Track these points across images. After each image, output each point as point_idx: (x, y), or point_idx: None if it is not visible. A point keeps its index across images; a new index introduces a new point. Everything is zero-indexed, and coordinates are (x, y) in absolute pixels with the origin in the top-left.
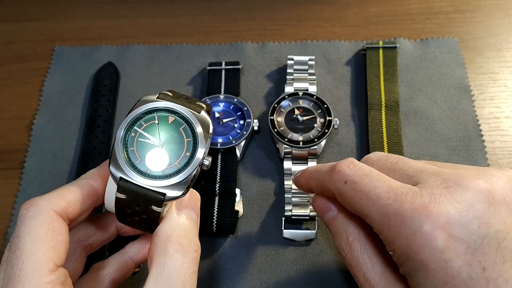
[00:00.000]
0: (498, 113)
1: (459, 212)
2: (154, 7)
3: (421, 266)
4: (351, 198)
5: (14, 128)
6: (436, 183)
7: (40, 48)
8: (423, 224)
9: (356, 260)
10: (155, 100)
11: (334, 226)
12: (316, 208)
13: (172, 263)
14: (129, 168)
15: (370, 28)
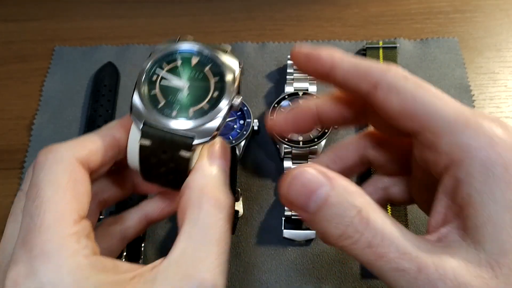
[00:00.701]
0: (498, 113)
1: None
2: (154, 7)
3: (504, 175)
4: (410, 91)
5: (14, 128)
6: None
7: (40, 48)
8: (504, 129)
9: (380, 235)
10: (176, 43)
11: (331, 206)
12: (299, 189)
13: (207, 218)
14: (153, 111)
15: (370, 28)
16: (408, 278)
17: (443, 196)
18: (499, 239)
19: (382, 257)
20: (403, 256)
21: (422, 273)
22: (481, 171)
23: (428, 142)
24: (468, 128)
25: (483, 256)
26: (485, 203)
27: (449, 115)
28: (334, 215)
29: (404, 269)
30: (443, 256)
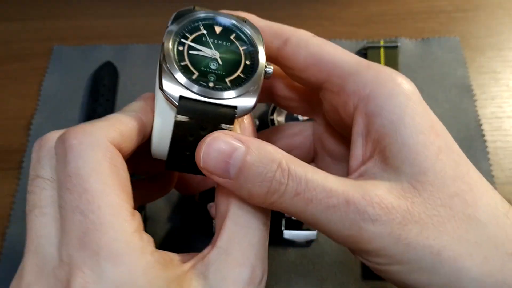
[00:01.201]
0: (500, 112)
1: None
2: (153, 6)
3: (407, 102)
4: (317, 45)
5: (12, 128)
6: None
7: (39, 47)
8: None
9: (304, 181)
10: (194, 10)
11: (251, 165)
12: (216, 155)
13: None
14: (188, 83)
15: (371, 27)
16: (339, 213)
17: (357, 137)
18: (416, 160)
19: (311, 201)
20: (331, 194)
21: (351, 205)
22: (388, 102)
23: (336, 87)
24: (370, 69)
25: (404, 179)
26: (398, 130)
27: (351, 61)
28: (256, 174)
29: (334, 205)
30: (368, 187)
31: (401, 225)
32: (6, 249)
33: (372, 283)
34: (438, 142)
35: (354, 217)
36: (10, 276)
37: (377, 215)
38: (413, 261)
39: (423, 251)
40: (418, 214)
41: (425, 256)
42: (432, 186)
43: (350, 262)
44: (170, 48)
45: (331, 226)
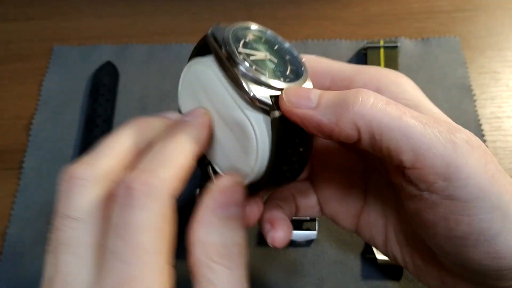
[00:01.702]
0: (499, 112)
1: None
2: (153, 5)
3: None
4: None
5: (12, 128)
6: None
7: (39, 47)
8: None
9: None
10: (237, 22)
11: (327, 92)
12: (298, 95)
13: (216, 276)
14: (275, 80)
15: (371, 27)
16: (432, 128)
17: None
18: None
19: (404, 114)
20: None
21: (443, 125)
22: (394, 89)
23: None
24: (372, 68)
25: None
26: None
27: (351, 66)
28: (338, 95)
29: (427, 123)
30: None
31: (484, 156)
32: (6, 249)
33: (372, 283)
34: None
35: (448, 134)
36: (10, 276)
37: (467, 137)
38: (496, 196)
39: (504, 188)
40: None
41: (504, 195)
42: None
43: (350, 262)
44: (234, 53)
45: (425, 140)
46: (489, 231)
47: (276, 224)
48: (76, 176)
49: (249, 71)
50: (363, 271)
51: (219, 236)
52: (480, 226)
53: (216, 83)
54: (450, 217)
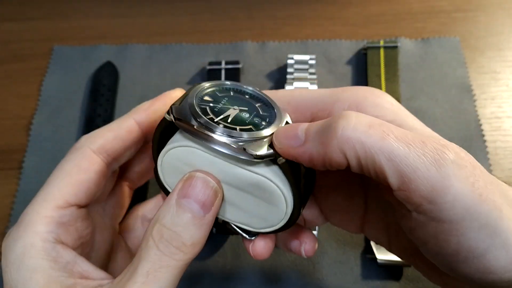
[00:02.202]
0: (499, 112)
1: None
2: (153, 6)
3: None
4: (294, 96)
5: (12, 128)
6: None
7: (39, 47)
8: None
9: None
10: (189, 90)
11: (314, 125)
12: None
13: (145, 252)
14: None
15: (371, 27)
16: (417, 149)
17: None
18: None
19: (388, 135)
20: (406, 136)
21: (427, 144)
22: (377, 111)
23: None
24: (348, 90)
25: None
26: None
27: (327, 93)
28: (324, 124)
29: (409, 142)
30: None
31: (472, 174)
32: None
33: (372, 283)
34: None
35: (433, 155)
36: None
37: (454, 157)
38: (484, 214)
39: (492, 205)
40: (479, 168)
41: (492, 212)
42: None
43: (350, 262)
44: (212, 125)
45: (409, 162)
46: (477, 250)
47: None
48: None
49: (237, 135)
50: (363, 271)
51: (169, 221)
52: (468, 245)
53: (209, 158)
54: (439, 236)
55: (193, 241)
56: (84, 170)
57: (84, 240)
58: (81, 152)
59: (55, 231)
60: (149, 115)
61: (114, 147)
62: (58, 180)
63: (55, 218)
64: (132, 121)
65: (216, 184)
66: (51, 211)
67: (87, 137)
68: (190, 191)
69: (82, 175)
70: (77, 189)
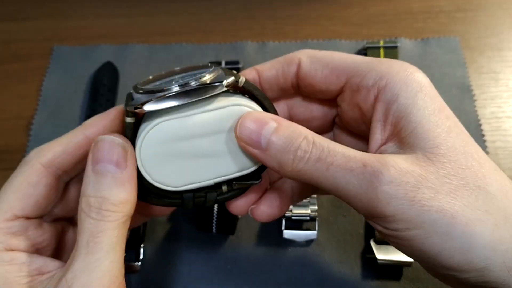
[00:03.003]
0: (499, 113)
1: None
2: (153, 6)
3: (420, 89)
4: (328, 56)
5: (12, 128)
6: None
7: (39, 47)
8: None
9: (326, 149)
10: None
11: (280, 135)
12: (250, 124)
13: (81, 226)
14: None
15: (371, 27)
16: (357, 175)
17: (376, 123)
18: (429, 136)
19: (331, 164)
20: (349, 159)
21: (368, 167)
22: (403, 88)
23: (356, 86)
24: (383, 63)
25: (419, 152)
26: (412, 112)
27: (364, 60)
28: (284, 144)
29: (352, 168)
30: (385, 155)
31: (416, 187)
32: None
33: (371, 282)
34: (448, 123)
35: (371, 178)
36: None
37: (392, 176)
38: (429, 224)
39: (437, 214)
40: (431, 180)
41: (439, 220)
42: (445, 157)
43: (350, 262)
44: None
45: (350, 188)
46: (429, 253)
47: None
48: None
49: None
50: (363, 271)
51: (92, 190)
52: (420, 249)
53: (176, 123)
54: (399, 242)
55: (120, 200)
56: (32, 185)
57: (40, 246)
58: (30, 166)
59: (5, 241)
60: (99, 130)
61: (62, 162)
62: (7, 195)
63: (3, 230)
64: (82, 136)
65: (121, 140)
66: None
67: (36, 151)
68: (100, 155)
69: (30, 189)
70: (25, 203)
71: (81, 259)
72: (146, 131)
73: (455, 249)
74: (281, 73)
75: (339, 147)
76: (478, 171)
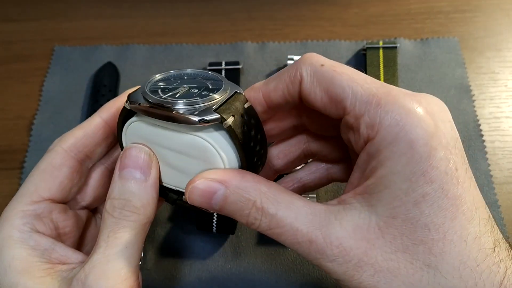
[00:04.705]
0: (498, 113)
1: (440, 108)
2: (154, 7)
3: (407, 150)
4: (329, 80)
5: (14, 128)
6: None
7: (40, 48)
8: (416, 106)
9: (274, 219)
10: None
11: (230, 203)
12: (199, 196)
13: (103, 224)
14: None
15: (370, 28)
16: (304, 249)
17: (357, 169)
18: (391, 204)
19: (281, 236)
20: (296, 233)
21: (313, 244)
22: (389, 148)
23: (350, 124)
24: (379, 107)
25: (373, 219)
26: (386, 175)
27: (365, 94)
28: (235, 209)
29: (298, 242)
30: (332, 226)
31: (356, 266)
32: None
33: None
34: (426, 189)
35: (315, 255)
36: None
37: (334, 256)
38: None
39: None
40: (375, 257)
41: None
42: (398, 231)
43: None
44: (164, 101)
45: (300, 253)
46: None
47: None
48: None
49: (185, 104)
50: None
51: (117, 193)
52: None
53: (153, 130)
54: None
55: (142, 203)
56: (56, 167)
57: (63, 231)
58: (54, 152)
59: (31, 222)
60: (113, 112)
61: (84, 144)
62: (33, 177)
63: (30, 211)
64: (99, 119)
65: (148, 149)
66: (26, 206)
67: (59, 139)
68: (127, 161)
69: (55, 171)
70: (51, 184)
71: (100, 252)
72: (130, 122)
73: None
74: (287, 93)
75: (288, 215)
76: (436, 246)
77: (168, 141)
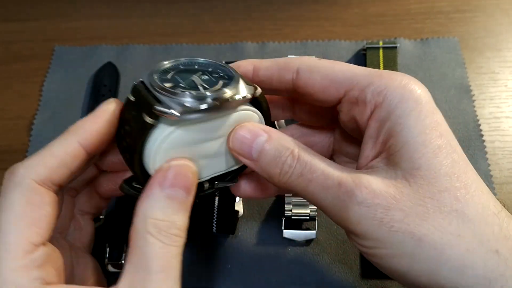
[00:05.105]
0: (498, 113)
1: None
2: (154, 7)
3: (415, 106)
4: (329, 67)
5: (14, 128)
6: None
7: (40, 48)
8: (408, 76)
9: (308, 166)
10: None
11: (269, 150)
12: (241, 141)
13: (150, 249)
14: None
15: (370, 28)
16: (332, 193)
17: (368, 139)
18: (413, 157)
19: (311, 181)
20: (327, 177)
21: (342, 187)
22: (398, 106)
23: (354, 99)
24: (383, 77)
25: (399, 173)
26: (402, 131)
27: (364, 73)
28: (273, 157)
29: (328, 186)
30: (362, 175)
31: (386, 209)
32: None
33: (371, 282)
34: (439, 141)
35: (344, 198)
36: None
37: (363, 198)
38: (395, 245)
39: (404, 236)
40: (404, 202)
41: (406, 241)
42: (423, 179)
43: (350, 262)
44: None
45: (326, 204)
46: (398, 271)
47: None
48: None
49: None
50: (363, 271)
51: (161, 213)
52: (389, 266)
53: (201, 126)
54: (371, 259)
55: (183, 224)
56: (38, 206)
57: (61, 269)
58: (26, 187)
59: (38, 275)
60: (94, 137)
61: (60, 177)
62: (14, 226)
63: (30, 265)
64: (76, 145)
65: (194, 167)
66: (22, 260)
67: (26, 167)
68: (175, 180)
69: (38, 212)
70: (38, 228)
71: (157, 285)
72: (168, 134)
73: (421, 270)
74: (276, 77)
75: (320, 164)
76: (459, 193)
77: (213, 132)
